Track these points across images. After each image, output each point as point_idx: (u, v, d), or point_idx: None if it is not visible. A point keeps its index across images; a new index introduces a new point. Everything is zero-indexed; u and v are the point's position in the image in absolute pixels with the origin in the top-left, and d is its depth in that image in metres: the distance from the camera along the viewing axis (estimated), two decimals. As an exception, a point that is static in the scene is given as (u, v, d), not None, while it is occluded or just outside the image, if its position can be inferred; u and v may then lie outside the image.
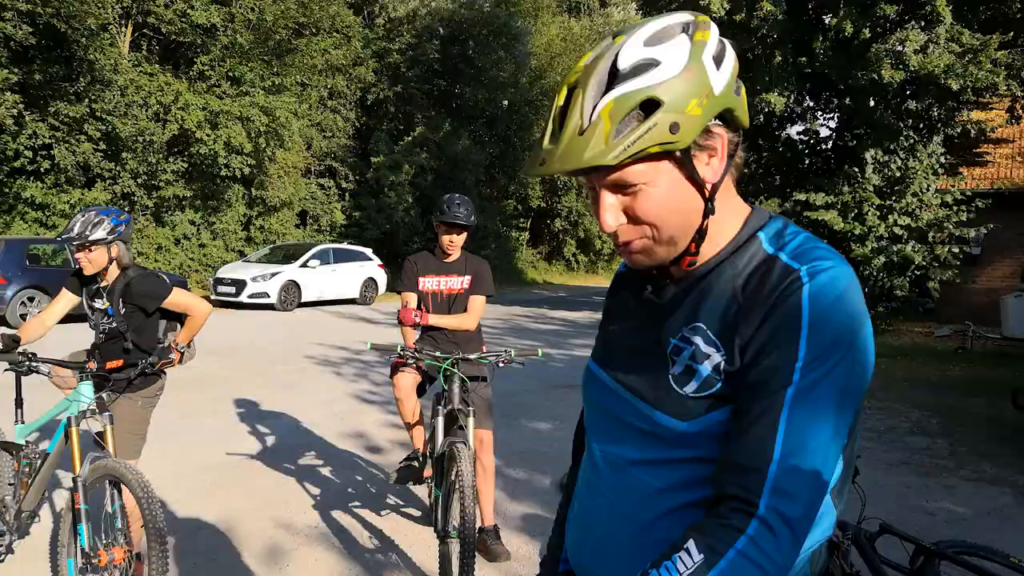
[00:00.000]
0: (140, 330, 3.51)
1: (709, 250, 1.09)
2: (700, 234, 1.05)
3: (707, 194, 1.04)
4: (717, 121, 1.01)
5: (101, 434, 3.23)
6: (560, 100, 1.01)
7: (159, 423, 6.46)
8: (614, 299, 1.30)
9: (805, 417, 0.94)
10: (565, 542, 1.31)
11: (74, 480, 3.09)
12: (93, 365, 3.25)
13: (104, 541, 3.07)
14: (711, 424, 1.02)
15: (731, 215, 1.10)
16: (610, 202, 1.02)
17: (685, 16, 1.03)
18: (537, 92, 31.54)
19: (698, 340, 1.05)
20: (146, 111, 18.27)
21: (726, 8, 13.46)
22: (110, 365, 3.27)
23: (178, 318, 3.65)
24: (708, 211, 1.04)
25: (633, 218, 1.03)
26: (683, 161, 1.01)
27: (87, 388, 3.26)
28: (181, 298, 3.54)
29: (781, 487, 0.93)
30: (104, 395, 3.34)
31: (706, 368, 1.03)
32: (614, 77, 0.97)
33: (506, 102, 30.94)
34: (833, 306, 0.96)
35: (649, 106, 0.95)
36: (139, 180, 18.53)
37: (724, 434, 1.01)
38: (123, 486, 3.05)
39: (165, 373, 3.62)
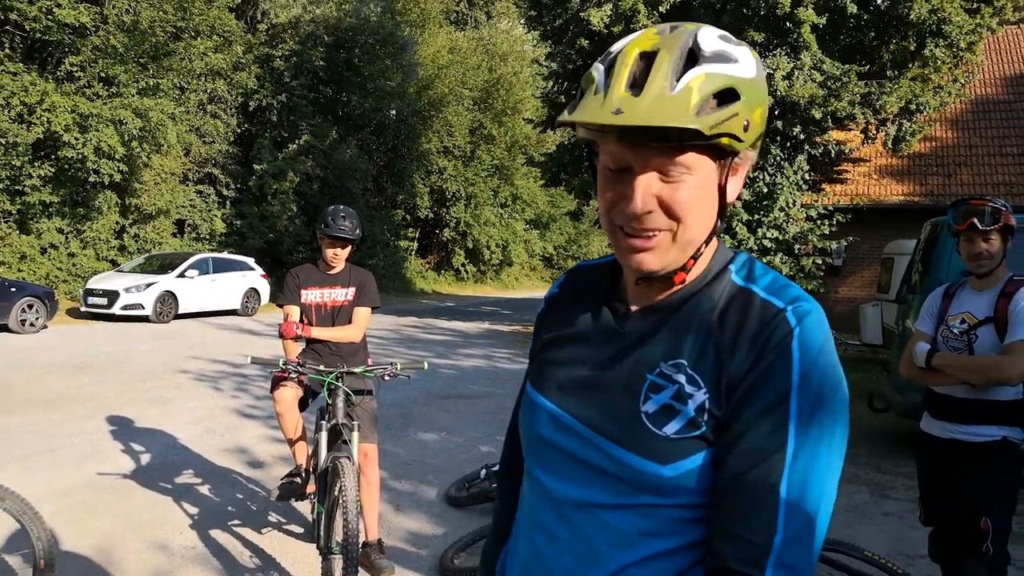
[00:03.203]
0: None
1: (688, 276, 1.05)
2: (698, 251, 1.02)
3: (722, 211, 1.02)
4: None
5: None
6: (630, 60, 0.94)
7: (22, 443, 6.09)
8: (552, 322, 1.21)
9: (803, 482, 0.91)
10: None
11: None
12: None
13: None
14: (692, 469, 0.96)
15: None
16: (648, 184, 0.96)
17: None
18: (424, 103, 31.48)
19: (681, 378, 0.98)
20: (8, 112, 17.15)
21: (606, 22, 13.87)
22: None
23: None
24: (716, 228, 1.02)
25: (664, 207, 0.96)
26: (723, 166, 0.98)
27: None
28: None
29: (786, 562, 0.90)
30: None
31: (691, 409, 0.97)
32: (697, 55, 0.93)
33: (394, 112, 30.76)
34: (819, 357, 0.94)
35: (728, 95, 0.92)
36: (0, 185, 17.40)
37: (704, 480, 0.96)
38: None
39: None
